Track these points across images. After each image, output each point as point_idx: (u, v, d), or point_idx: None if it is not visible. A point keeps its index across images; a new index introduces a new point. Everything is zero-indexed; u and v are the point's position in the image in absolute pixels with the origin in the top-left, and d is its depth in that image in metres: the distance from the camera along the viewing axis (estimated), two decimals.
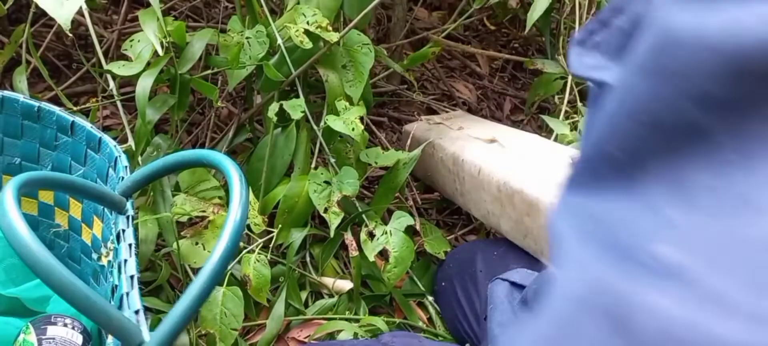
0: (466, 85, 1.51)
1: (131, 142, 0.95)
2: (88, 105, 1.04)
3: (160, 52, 0.87)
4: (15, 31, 1.04)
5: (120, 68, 0.88)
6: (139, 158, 0.93)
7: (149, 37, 0.87)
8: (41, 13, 1.19)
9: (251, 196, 0.93)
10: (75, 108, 1.00)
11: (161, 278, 0.89)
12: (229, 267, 0.88)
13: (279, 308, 0.92)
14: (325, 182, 0.96)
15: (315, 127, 0.99)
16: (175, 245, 0.86)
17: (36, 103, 0.75)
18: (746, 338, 0.20)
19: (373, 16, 1.28)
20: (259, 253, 0.90)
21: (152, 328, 0.86)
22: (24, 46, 1.03)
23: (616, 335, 0.21)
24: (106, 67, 0.91)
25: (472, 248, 0.96)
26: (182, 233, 0.88)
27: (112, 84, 0.99)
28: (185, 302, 0.39)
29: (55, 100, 1.03)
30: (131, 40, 0.90)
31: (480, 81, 1.53)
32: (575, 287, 0.24)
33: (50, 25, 1.15)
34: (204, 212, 0.88)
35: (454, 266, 0.94)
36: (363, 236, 0.95)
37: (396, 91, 1.37)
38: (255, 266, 0.89)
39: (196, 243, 0.87)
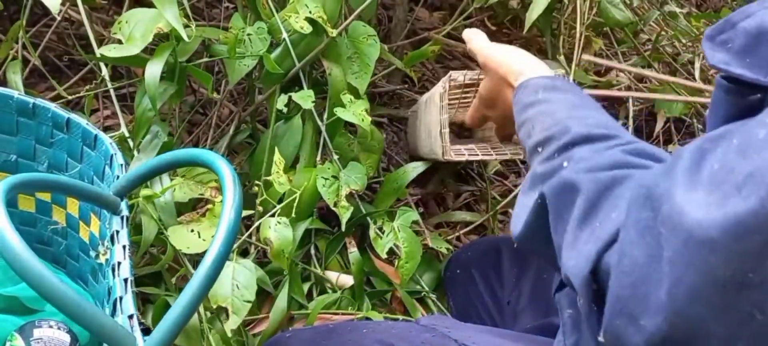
0: None
1: (124, 129, 0.94)
2: (81, 93, 1.02)
3: (184, 36, 0.84)
4: (12, 28, 1.03)
5: (112, 51, 0.85)
6: (139, 145, 0.91)
7: (169, 19, 0.84)
8: (42, 14, 1.19)
9: (277, 155, 0.91)
10: (75, 108, 0.99)
11: (160, 264, 0.88)
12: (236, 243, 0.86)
13: (282, 300, 0.92)
14: (333, 176, 0.95)
15: (319, 121, 0.97)
16: (168, 233, 0.84)
17: (31, 100, 0.74)
18: None
19: (375, 16, 1.27)
20: (279, 214, 0.88)
21: (155, 316, 0.85)
22: (20, 43, 1.02)
23: None
24: (98, 51, 0.88)
25: (495, 241, 0.96)
26: (180, 219, 0.86)
27: (105, 70, 0.97)
28: (179, 307, 0.38)
29: (56, 100, 1.02)
30: (119, 23, 0.87)
31: None
32: None
33: (50, 24, 1.14)
34: (201, 194, 0.86)
35: (473, 255, 0.95)
36: (372, 233, 0.95)
37: (396, 91, 1.36)
38: (276, 227, 0.86)
39: (192, 230, 0.85)
